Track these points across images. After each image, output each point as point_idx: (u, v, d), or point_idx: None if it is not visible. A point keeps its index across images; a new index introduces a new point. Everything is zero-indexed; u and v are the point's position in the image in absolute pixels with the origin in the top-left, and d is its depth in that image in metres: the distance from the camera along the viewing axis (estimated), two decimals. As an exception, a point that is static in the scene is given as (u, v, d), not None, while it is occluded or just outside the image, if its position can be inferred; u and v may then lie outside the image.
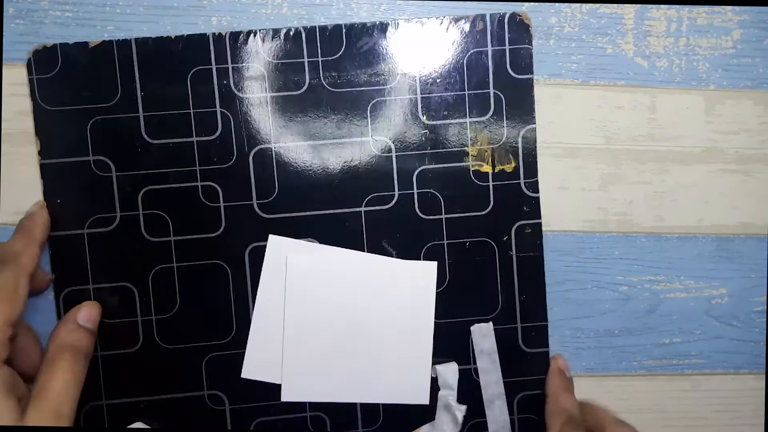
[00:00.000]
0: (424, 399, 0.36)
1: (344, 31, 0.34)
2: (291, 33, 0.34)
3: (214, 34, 0.34)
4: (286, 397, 0.35)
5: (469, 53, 0.35)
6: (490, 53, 0.35)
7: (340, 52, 0.34)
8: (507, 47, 0.35)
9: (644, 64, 0.37)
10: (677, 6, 0.36)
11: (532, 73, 0.35)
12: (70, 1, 0.33)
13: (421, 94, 0.35)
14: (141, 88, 0.34)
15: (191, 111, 0.34)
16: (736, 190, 0.38)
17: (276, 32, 0.34)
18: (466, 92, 0.35)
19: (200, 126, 0.34)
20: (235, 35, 0.34)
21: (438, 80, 0.35)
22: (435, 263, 0.35)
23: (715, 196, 0.38)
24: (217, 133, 0.34)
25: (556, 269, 0.37)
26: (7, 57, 0.33)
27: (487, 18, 0.35)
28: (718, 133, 0.37)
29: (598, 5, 0.36)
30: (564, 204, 0.37)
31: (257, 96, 0.34)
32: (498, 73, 0.35)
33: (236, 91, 0.34)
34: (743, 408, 0.39)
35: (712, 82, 0.37)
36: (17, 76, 0.34)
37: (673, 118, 0.37)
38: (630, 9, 0.36)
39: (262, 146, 0.34)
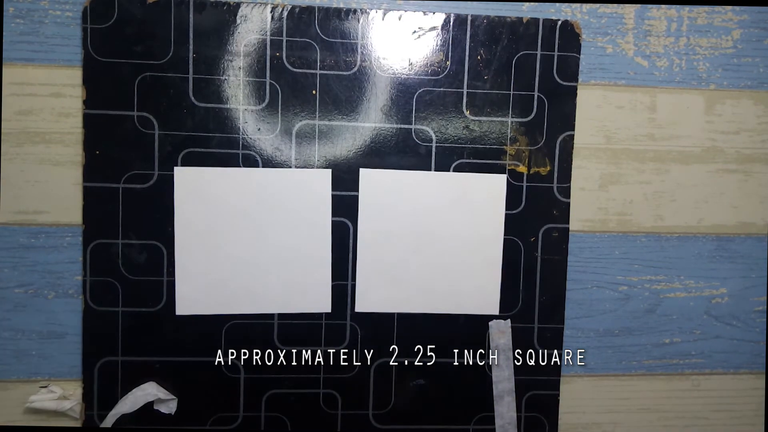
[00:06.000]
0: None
1: (400, 18, 0.34)
2: (347, 13, 0.34)
3: (273, 5, 0.34)
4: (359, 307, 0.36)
5: (519, 55, 0.35)
6: (539, 57, 0.35)
7: (394, 39, 0.34)
8: (556, 53, 0.35)
9: (644, 63, 0.37)
10: (677, 6, 0.36)
11: (577, 81, 0.36)
12: (71, 1, 0.33)
13: (468, 88, 0.35)
14: (194, 50, 0.34)
15: (241, 79, 0.34)
16: (736, 190, 0.38)
17: (335, 12, 0.34)
18: (511, 92, 0.35)
19: (248, 95, 0.34)
20: (292, 10, 0.34)
21: (485, 77, 0.35)
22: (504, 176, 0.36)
23: (715, 196, 0.38)
24: (264, 104, 0.34)
25: (557, 269, 0.37)
26: (7, 57, 0.33)
27: (540, 23, 0.35)
28: (718, 132, 0.37)
29: (598, 5, 0.36)
30: (564, 204, 0.37)
31: (307, 72, 0.34)
32: (544, 78, 0.35)
33: (287, 65, 0.34)
34: (743, 408, 0.39)
35: (712, 82, 0.37)
36: (17, 76, 0.33)
37: (673, 118, 0.37)
38: (630, 9, 0.36)
39: (308, 121, 0.35)
